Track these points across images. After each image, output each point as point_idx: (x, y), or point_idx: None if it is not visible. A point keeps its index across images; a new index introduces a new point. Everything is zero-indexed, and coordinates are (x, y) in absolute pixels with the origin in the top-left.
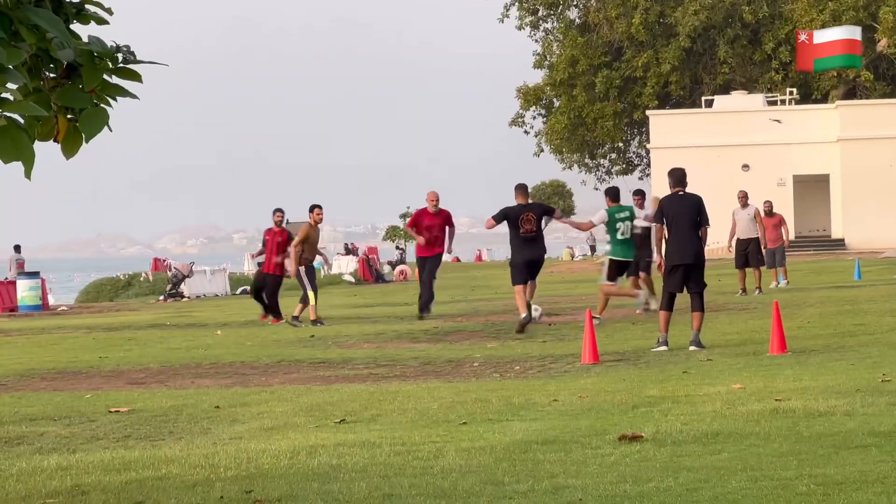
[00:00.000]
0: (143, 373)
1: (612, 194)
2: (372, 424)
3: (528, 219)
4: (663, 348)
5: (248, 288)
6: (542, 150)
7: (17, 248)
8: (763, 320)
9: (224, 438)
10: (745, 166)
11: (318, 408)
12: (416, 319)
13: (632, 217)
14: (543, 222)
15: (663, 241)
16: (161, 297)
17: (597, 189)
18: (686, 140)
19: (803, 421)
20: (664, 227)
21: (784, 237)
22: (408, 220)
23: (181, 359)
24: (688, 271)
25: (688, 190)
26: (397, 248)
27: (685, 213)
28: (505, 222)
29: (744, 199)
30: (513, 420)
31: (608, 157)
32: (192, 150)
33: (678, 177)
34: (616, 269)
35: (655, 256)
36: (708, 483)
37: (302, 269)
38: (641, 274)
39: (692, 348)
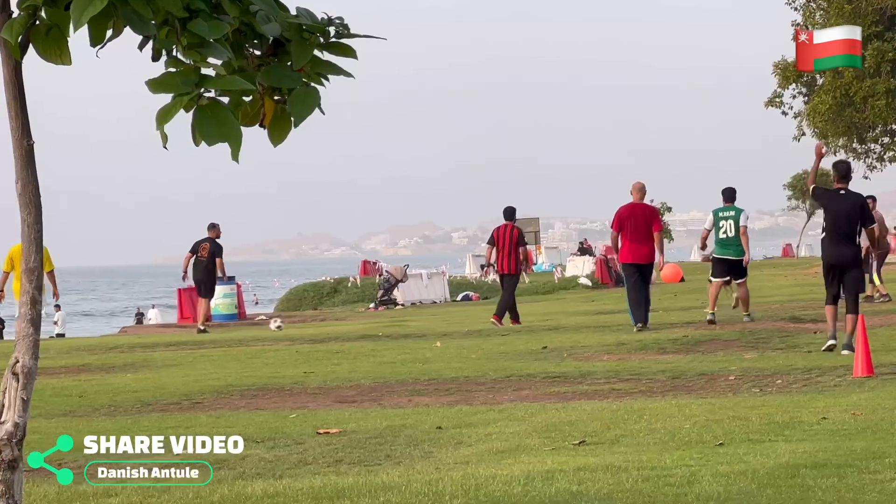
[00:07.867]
0: (353, 390)
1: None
2: (615, 446)
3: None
4: (831, 342)
5: (470, 294)
6: (803, 134)
7: None
8: None
9: (448, 463)
10: None
11: (553, 428)
12: (662, 328)
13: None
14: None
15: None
16: (371, 305)
17: (866, 178)
18: None
19: None
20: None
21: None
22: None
23: (396, 374)
24: (841, 271)
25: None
26: None
27: (844, 211)
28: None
29: None
30: (776, 440)
31: (880, 142)
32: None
33: (843, 171)
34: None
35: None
36: None
37: None
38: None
39: (844, 352)
